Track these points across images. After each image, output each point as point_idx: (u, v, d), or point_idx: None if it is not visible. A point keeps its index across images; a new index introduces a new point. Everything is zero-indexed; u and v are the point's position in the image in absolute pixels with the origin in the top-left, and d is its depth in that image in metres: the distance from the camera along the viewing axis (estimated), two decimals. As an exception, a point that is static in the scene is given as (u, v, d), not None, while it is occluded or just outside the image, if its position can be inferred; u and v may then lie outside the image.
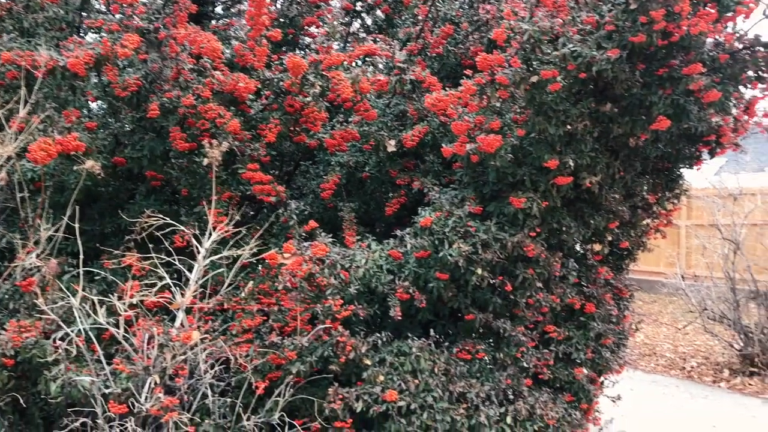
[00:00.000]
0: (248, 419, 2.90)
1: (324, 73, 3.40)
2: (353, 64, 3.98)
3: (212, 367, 2.87)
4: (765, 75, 3.58)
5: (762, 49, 3.35)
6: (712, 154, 3.90)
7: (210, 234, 3.06)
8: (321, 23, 4.70)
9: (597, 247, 4.00)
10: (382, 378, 3.04)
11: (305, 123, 3.67)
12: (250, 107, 3.69)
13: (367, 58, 4.30)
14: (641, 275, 14.01)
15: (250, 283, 3.36)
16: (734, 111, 3.61)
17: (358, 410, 2.96)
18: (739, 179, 8.56)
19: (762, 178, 8.33)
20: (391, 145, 3.89)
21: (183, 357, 2.86)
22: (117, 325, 2.82)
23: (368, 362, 3.06)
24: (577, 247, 3.90)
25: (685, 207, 12.63)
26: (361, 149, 4.13)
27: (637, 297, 13.66)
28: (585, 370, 3.65)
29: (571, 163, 3.26)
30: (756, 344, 7.28)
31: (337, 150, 4.01)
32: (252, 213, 4.16)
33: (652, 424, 5.49)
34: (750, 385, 7.18)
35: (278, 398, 2.95)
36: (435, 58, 4.26)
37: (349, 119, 4.11)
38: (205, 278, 3.04)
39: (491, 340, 3.56)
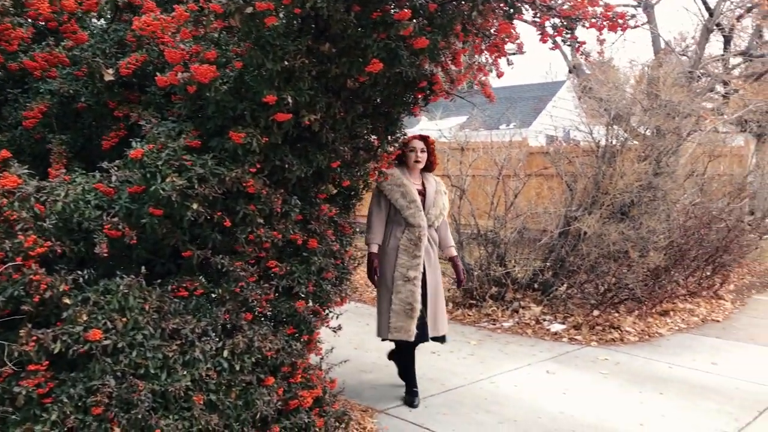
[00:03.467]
0: None
1: (17, -16, 3.03)
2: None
3: None
4: (470, 29, 3.92)
5: (465, 1, 3.64)
6: (426, 101, 4.21)
7: None
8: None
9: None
10: (85, 317, 2.86)
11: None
12: (-71, 18, 3.18)
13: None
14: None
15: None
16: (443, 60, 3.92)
17: (56, 351, 2.77)
18: (468, 135, 9.44)
19: (486, 135, 9.27)
20: (109, 74, 3.62)
21: None
22: None
23: (68, 301, 2.85)
24: (304, 185, 3.98)
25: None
26: (78, 77, 3.78)
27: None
28: (307, 303, 3.78)
29: (290, 100, 3.30)
30: (475, 279, 8.18)
31: (45, 76, 3.63)
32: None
33: (379, 351, 5.93)
34: (469, 315, 8.08)
35: (-43, 344, 2.64)
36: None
37: (63, 42, 3.73)
38: None
39: (212, 277, 3.53)
